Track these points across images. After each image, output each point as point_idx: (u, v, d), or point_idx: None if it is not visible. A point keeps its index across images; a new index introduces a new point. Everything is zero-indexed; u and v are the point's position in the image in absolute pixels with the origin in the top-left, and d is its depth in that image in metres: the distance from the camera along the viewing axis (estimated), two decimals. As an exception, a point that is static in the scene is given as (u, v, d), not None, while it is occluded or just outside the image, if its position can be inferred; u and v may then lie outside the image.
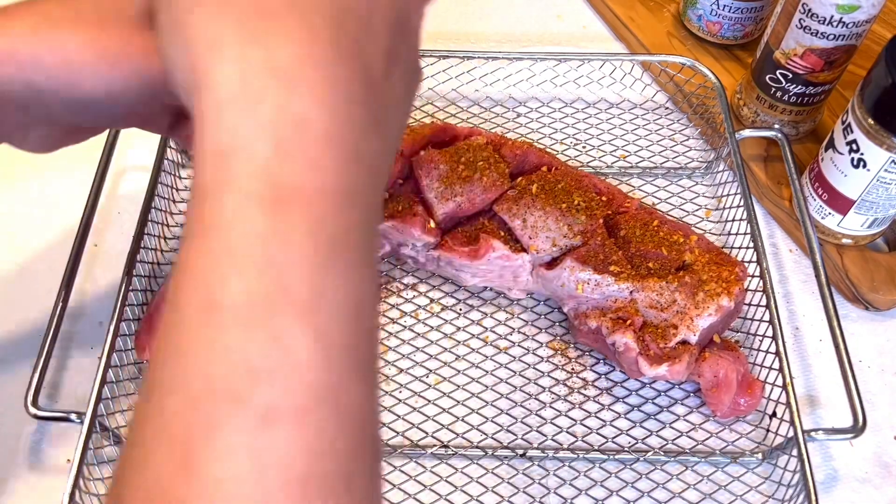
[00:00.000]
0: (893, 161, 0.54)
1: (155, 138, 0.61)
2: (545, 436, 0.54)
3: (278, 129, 0.24)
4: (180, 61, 0.27)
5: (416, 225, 0.56)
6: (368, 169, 0.26)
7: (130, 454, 0.24)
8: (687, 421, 0.55)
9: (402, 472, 0.52)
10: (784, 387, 0.51)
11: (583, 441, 0.54)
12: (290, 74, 0.25)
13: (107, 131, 0.60)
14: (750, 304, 0.57)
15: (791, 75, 0.62)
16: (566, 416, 0.55)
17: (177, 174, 0.64)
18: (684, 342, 0.52)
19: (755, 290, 0.57)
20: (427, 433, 0.54)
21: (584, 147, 0.69)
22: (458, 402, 0.55)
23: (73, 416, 0.49)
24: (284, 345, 0.23)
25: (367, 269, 0.26)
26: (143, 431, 0.24)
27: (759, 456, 0.53)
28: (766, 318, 0.55)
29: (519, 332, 0.58)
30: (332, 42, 0.26)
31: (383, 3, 0.29)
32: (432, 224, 0.57)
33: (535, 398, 0.55)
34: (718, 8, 0.71)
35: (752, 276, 0.57)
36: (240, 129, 0.24)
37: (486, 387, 0.56)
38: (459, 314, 0.59)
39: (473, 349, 0.57)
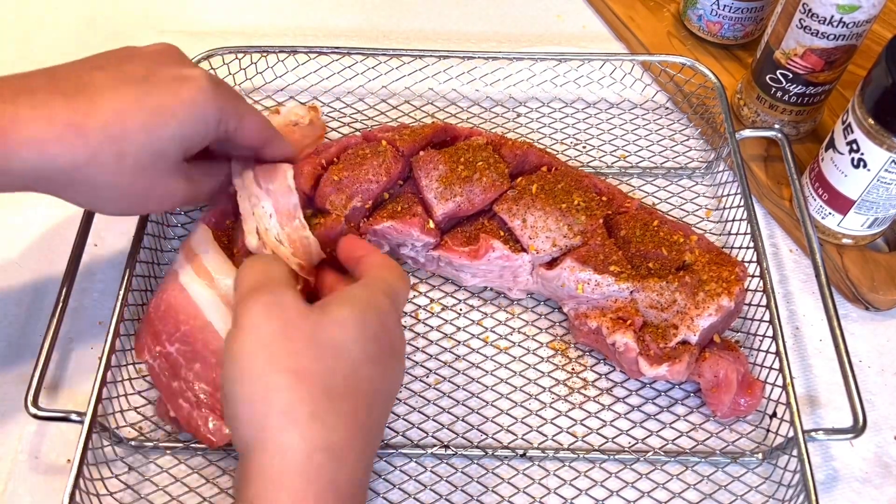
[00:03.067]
0: (894, 161, 0.54)
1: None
2: (545, 436, 0.54)
3: (327, 496, 0.35)
4: (251, 403, 0.37)
5: (415, 225, 0.56)
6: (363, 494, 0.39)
7: None
8: (687, 421, 0.55)
9: (403, 472, 0.52)
10: (784, 387, 0.51)
11: (583, 441, 0.54)
12: (342, 455, 0.36)
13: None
14: (750, 304, 0.57)
15: (791, 75, 0.62)
16: (566, 416, 0.55)
17: (177, 174, 0.64)
18: (684, 342, 0.52)
19: (755, 290, 0.57)
20: (427, 433, 0.54)
21: (584, 147, 0.69)
22: (458, 402, 0.55)
23: (73, 416, 0.49)
24: None
25: None
26: None
27: (760, 456, 0.53)
28: (766, 318, 0.55)
29: (519, 333, 0.58)
30: (364, 423, 0.38)
31: (390, 383, 0.42)
32: (431, 224, 0.57)
33: (536, 398, 0.55)
34: (719, 8, 0.71)
35: (752, 276, 0.57)
36: (301, 497, 0.34)
37: (487, 387, 0.56)
38: (459, 314, 0.59)
39: (473, 349, 0.57)
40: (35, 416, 0.49)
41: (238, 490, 0.36)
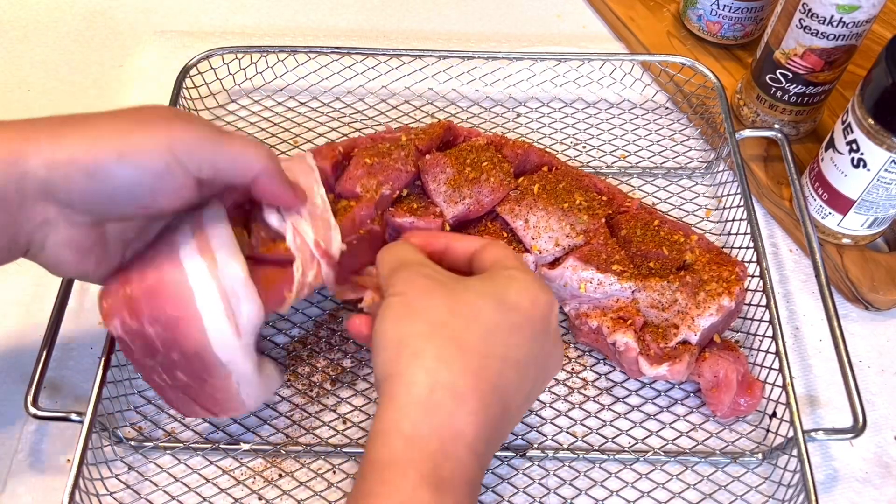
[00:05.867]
0: (893, 161, 0.54)
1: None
2: (545, 436, 0.54)
3: (444, 433, 0.38)
4: (388, 348, 0.40)
5: (436, 225, 0.55)
6: (487, 463, 0.41)
7: None
8: (687, 421, 0.55)
9: (402, 472, 0.52)
10: (784, 387, 0.51)
11: (583, 441, 0.54)
12: (462, 398, 0.38)
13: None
14: (750, 304, 0.57)
15: (791, 75, 0.63)
16: (566, 416, 0.55)
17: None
18: (685, 342, 0.52)
19: (755, 290, 0.57)
20: (427, 433, 0.54)
21: (584, 147, 0.69)
22: (458, 402, 0.55)
23: (73, 416, 0.49)
24: None
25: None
26: None
27: (759, 456, 0.53)
28: (766, 318, 0.55)
29: (519, 332, 0.58)
30: (493, 383, 0.40)
31: (531, 359, 0.42)
32: (447, 227, 0.56)
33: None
34: (718, 8, 0.71)
35: (752, 276, 0.57)
36: (420, 426, 0.38)
37: (487, 387, 0.56)
38: (459, 314, 0.59)
39: (473, 349, 0.57)
40: (35, 416, 0.49)
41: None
